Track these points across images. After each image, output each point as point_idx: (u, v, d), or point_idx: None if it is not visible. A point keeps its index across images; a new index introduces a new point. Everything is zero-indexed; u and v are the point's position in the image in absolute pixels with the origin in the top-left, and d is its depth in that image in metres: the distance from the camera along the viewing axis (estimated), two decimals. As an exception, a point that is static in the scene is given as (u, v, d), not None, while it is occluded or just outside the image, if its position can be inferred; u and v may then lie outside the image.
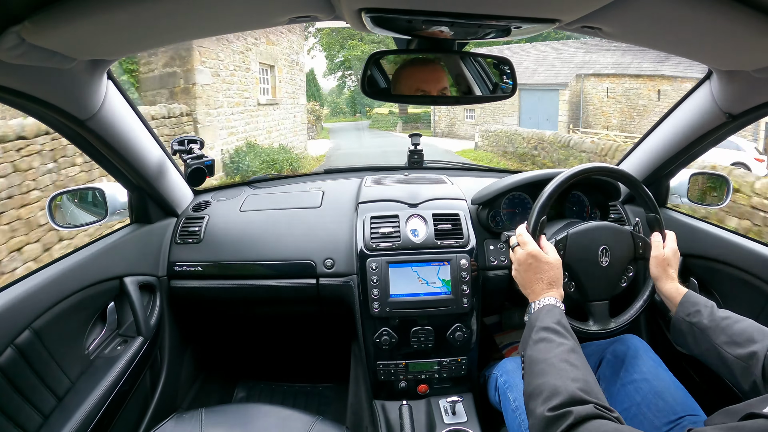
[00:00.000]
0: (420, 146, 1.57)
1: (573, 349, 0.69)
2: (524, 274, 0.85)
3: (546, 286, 0.81)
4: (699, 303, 0.84)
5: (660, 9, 0.59)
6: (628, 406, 0.92)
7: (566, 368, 0.65)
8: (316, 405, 1.65)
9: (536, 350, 0.70)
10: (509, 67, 0.92)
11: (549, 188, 0.94)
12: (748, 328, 0.77)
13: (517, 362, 1.10)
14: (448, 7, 0.61)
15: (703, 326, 0.81)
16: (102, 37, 0.66)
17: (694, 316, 0.83)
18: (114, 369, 1.02)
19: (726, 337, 0.77)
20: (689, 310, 0.84)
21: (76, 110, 0.85)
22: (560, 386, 0.62)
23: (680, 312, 0.85)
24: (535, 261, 0.84)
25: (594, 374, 1.02)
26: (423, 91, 0.93)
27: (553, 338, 0.70)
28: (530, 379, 0.68)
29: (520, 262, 0.86)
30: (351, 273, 1.22)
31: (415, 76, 0.93)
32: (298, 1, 0.64)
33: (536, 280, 0.83)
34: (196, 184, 1.28)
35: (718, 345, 0.78)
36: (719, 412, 0.71)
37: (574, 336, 0.73)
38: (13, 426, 0.80)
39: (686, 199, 1.33)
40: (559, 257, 0.86)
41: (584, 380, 0.63)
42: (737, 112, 0.95)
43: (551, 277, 0.82)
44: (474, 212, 1.30)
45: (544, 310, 0.77)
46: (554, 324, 0.73)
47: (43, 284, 0.88)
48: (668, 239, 0.95)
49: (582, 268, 0.96)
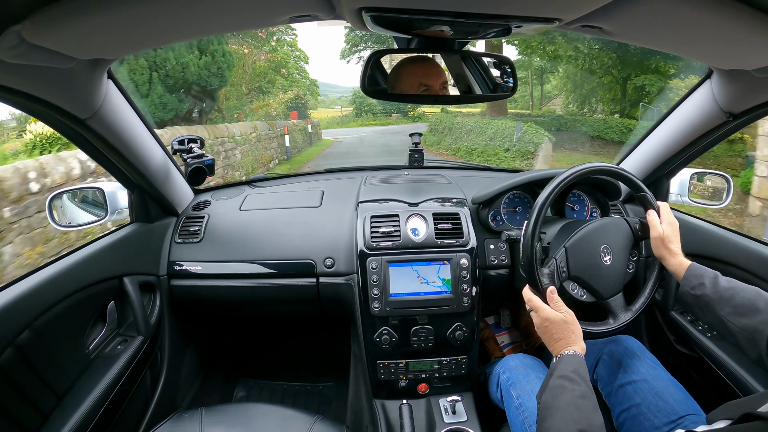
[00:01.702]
0: (420, 145, 1.57)
1: (584, 394, 0.72)
2: (543, 336, 0.88)
3: (565, 344, 0.84)
4: (702, 275, 0.85)
5: (660, 8, 0.59)
6: (628, 407, 0.92)
7: (571, 412, 0.69)
8: (316, 404, 1.65)
9: (550, 396, 0.74)
10: (510, 66, 0.92)
11: (549, 188, 0.94)
12: (752, 298, 0.78)
13: (520, 359, 1.10)
14: (448, 6, 0.61)
15: (707, 299, 0.82)
16: (102, 36, 0.66)
17: (698, 289, 0.84)
18: (114, 368, 1.02)
19: (730, 308, 0.79)
20: (693, 284, 0.85)
21: (76, 109, 0.85)
22: (562, 427, 0.67)
23: (684, 285, 0.87)
24: (551, 324, 0.86)
25: (593, 370, 1.03)
26: (425, 87, 0.93)
27: (566, 385, 0.74)
28: (540, 423, 0.72)
29: (537, 326, 0.89)
30: (351, 272, 1.22)
31: (415, 73, 0.93)
32: (298, 1, 0.64)
33: (554, 340, 0.85)
34: (196, 183, 1.28)
35: (723, 317, 0.79)
36: (721, 407, 0.72)
37: (588, 383, 0.76)
38: (13, 425, 0.80)
39: (687, 198, 1.33)
40: (570, 312, 0.88)
41: (588, 423, 0.68)
42: (738, 111, 0.95)
43: (567, 333, 0.85)
44: (474, 211, 1.30)
45: (563, 360, 0.80)
46: (570, 372, 0.76)
47: (43, 284, 0.88)
48: (663, 213, 0.96)
49: (588, 274, 0.96)
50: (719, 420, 0.70)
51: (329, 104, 32.18)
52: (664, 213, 0.96)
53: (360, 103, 22.42)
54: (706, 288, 0.83)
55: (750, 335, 0.74)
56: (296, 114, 14.62)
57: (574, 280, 0.96)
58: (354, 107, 24.19)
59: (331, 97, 36.91)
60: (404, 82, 0.94)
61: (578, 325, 0.86)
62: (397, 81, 0.95)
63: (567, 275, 0.96)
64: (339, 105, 30.31)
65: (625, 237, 1.00)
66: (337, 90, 43.40)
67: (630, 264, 1.01)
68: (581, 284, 0.97)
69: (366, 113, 23.10)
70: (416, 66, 0.94)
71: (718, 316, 0.80)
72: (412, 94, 0.97)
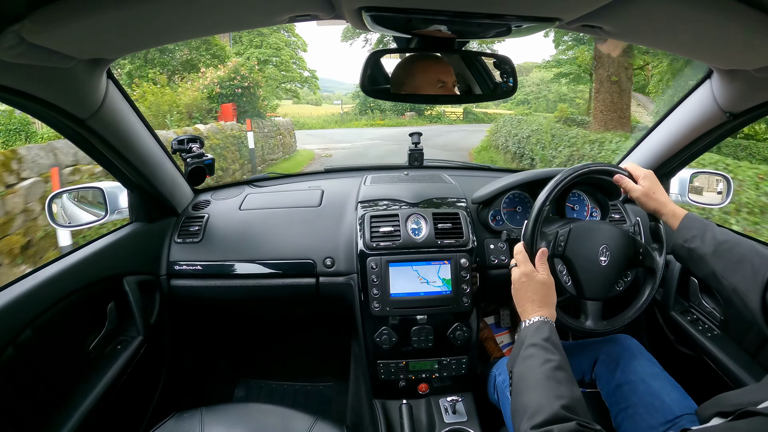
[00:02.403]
0: (420, 145, 1.57)
1: (560, 365, 0.69)
2: (517, 294, 0.86)
3: (537, 306, 0.82)
4: (696, 227, 0.82)
5: (660, 8, 0.59)
6: (625, 407, 0.92)
7: (552, 385, 0.65)
8: (316, 404, 1.65)
9: (523, 367, 0.70)
10: (509, 66, 0.92)
11: (549, 187, 0.94)
12: (746, 253, 0.75)
13: None
14: (448, 5, 0.61)
15: (701, 252, 0.79)
16: (102, 36, 0.66)
17: (691, 242, 0.81)
18: (114, 368, 1.02)
19: (723, 264, 0.76)
20: (686, 236, 0.83)
21: (75, 109, 0.85)
22: (544, 404, 0.62)
23: (678, 237, 0.84)
24: (528, 280, 0.85)
25: (591, 369, 1.03)
26: (442, 84, 0.92)
27: (540, 354, 0.70)
28: (516, 396, 0.68)
29: (514, 281, 0.87)
30: (351, 272, 1.22)
31: (432, 69, 0.92)
32: (298, 1, 0.64)
33: (527, 299, 0.83)
34: (196, 183, 1.28)
35: (717, 271, 0.76)
36: (711, 401, 0.70)
37: (562, 352, 0.73)
38: (13, 425, 0.80)
39: (687, 198, 1.33)
40: (551, 277, 0.86)
41: (569, 397, 0.63)
42: (738, 111, 0.95)
43: (542, 296, 0.83)
44: (474, 211, 1.30)
45: (533, 326, 0.77)
46: (542, 341, 0.73)
47: (43, 283, 0.88)
48: (633, 170, 0.94)
49: (580, 263, 0.96)
50: (711, 414, 0.68)
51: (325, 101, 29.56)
52: (634, 169, 0.95)
53: (365, 99, 18.36)
54: (699, 240, 0.80)
55: (744, 293, 0.72)
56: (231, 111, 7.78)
57: (566, 262, 0.96)
58: (357, 103, 20.49)
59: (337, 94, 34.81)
60: (420, 78, 0.91)
61: (554, 291, 0.85)
62: (409, 77, 0.92)
63: (562, 250, 0.96)
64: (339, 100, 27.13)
65: (628, 250, 0.99)
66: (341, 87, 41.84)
67: (620, 282, 1.00)
68: (570, 271, 0.97)
69: (372, 110, 19.45)
70: (430, 62, 0.92)
71: (711, 270, 0.77)
72: (411, 94, 0.96)
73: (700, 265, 0.80)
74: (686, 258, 0.83)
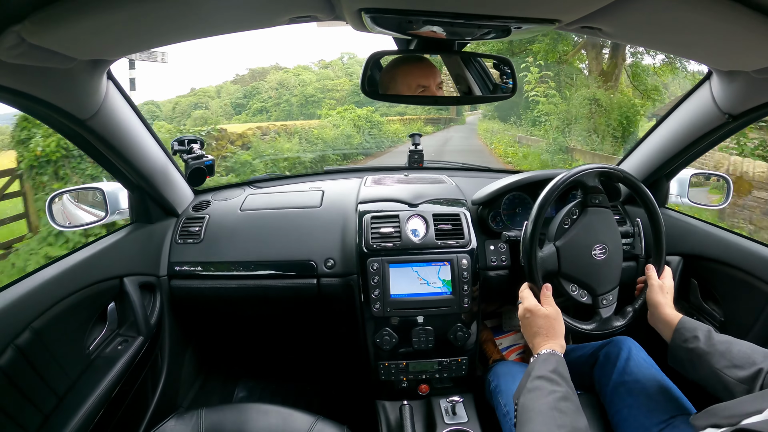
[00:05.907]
0: (420, 146, 1.57)
1: (565, 396, 0.70)
2: (524, 330, 0.88)
3: (543, 339, 0.83)
4: (696, 328, 0.83)
5: (660, 9, 0.59)
6: (620, 408, 0.93)
7: (554, 415, 0.66)
8: (316, 405, 1.65)
9: (528, 398, 0.71)
10: (509, 67, 0.92)
11: (549, 188, 0.94)
12: (748, 351, 0.76)
13: (508, 366, 1.11)
14: (448, 7, 0.61)
15: (701, 351, 0.80)
16: (102, 37, 0.66)
17: (691, 342, 0.82)
18: (114, 369, 1.02)
19: (726, 361, 0.77)
20: (686, 336, 0.83)
21: (76, 110, 0.85)
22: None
23: (677, 339, 0.85)
24: (532, 315, 0.86)
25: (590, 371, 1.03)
26: (423, 88, 0.93)
27: (545, 386, 0.71)
28: (520, 427, 0.69)
29: (519, 317, 0.89)
30: (351, 273, 1.22)
31: (412, 74, 0.93)
32: (299, 2, 0.64)
33: (534, 333, 0.84)
34: (196, 183, 1.28)
35: (719, 369, 0.77)
36: (704, 411, 0.71)
37: (569, 383, 0.74)
38: (13, 425, 0.80)
39: (686, 199, 1.33)
40: (557, 309, 0.87)
41: (571, 426, 0.64)
42: (737, 112, 0.95)
43: (547, 328, 0.84)
44: (474, 212, 1.30)
45: (540, 359, 0.78)
46: (549, 373, 0.74)
47: (43, 284, 0.88)
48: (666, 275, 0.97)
49: (580, 270, 0.96)
50: (705, 425, 0.68)
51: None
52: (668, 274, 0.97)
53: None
54: (700, 341, 0.81)
55: (748, 385, 0.72)
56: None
57: (567, 279, 0.97)
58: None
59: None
60: (401, 83, 0.93)
61: (561, 322, 0.86)
62: (392, 82, 0.94)
63: (557, 270, 0.96)
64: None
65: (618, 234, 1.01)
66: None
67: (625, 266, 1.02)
68: (575, 282, 0.97)
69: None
70: (412, 66, 0.94)
71: (713, 369, 0.77)
72: (410, 95, 0.96)
73: (700, 364, 0.80)
74: (685, 358, 0.83)
